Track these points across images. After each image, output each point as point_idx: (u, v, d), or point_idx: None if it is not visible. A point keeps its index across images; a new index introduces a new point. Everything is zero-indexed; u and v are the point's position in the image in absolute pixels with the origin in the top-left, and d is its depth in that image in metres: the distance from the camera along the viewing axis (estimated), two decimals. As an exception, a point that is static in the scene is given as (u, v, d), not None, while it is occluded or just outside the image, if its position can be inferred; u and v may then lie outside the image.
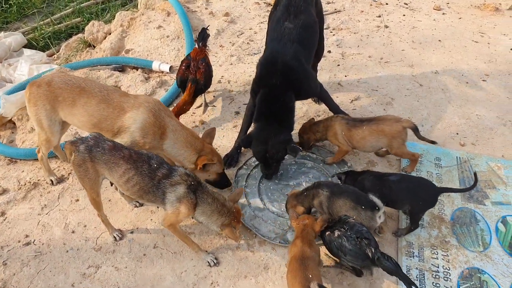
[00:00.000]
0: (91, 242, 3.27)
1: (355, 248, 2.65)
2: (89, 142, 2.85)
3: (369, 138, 3.48)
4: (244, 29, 5.95)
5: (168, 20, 6.00)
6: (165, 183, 2.82)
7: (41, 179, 3.79)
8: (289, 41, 3.50)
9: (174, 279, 2.99)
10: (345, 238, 2.67)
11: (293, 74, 3.46)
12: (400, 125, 3.44)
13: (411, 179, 3.24)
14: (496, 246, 3.13)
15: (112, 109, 3.14)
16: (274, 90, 3.45)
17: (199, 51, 4.25)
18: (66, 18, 6.68)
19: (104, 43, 5.73)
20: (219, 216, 2.87)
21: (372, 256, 2.61)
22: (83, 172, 2.87)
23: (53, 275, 3.06)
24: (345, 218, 2.80)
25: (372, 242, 2.67)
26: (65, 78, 3.25)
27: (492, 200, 3.46)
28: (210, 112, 4.48)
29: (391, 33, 5.79)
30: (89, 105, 3.15)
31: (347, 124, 3.56)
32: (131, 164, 2.82)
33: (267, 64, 3.53)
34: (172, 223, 2.91)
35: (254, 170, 3.76)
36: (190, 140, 3.25)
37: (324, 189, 3.03)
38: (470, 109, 4.43)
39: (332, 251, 2.81)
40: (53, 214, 3.49)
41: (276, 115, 3.46)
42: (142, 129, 3.11)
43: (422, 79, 4.89)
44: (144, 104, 3.16)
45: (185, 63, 4.20)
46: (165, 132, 3.19)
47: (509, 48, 5.42)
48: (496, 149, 3.94)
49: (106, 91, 3.21)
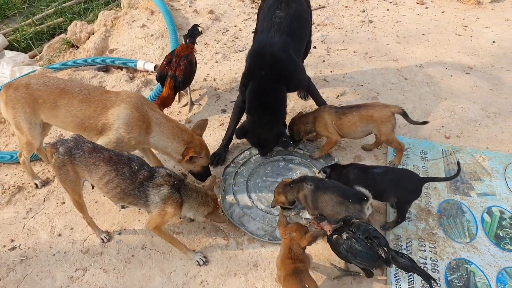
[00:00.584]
0: (78, 244, 3.23)
1: (366, 249, 2.60)
2: (68, 144, 2.82)
3: (359, 123, 3.51)
4: (229, 27, 5.93)
5: (152, 19, 5.94)
6: (148, 185, 2.81)
7: (26, 182, 3.73)
8: (278, 32, 3.48)
9: (163, 280, 2.97)
10: (354, 240, 2.63)
11: (281, 65, 3.45)
12: (389, 110, 3.49)
13: (395, 171, 3.28)
14: (482, 236, 3.17)
15: (94, 108, 3.09)
16: (264, 82, 3.45)
17: (185, 48, 4.19)
18: (48, 18, 6.56)
19: (87, 43, 5.65)
20: (205, 207, 2.94)
21: (385, 255, 2.57)
22: (64, 174, 2.84)
23: (40, 279, 3.02)
24: (349, 219, 2.77)
25: (382, 240, 2.64)
26: (43, 80, 3.18)
27: (477, 191, 3.50)
28: (196, 110, 4.45)
29: (375, 28, 5.81)
30: (70, 106, 3.09)
31: (336, 112, 3.60)
32: (111, 166, 2.79)
33: (256, 56, 3.52)
34: (157, 225, 2.89)
35: (241, 168, 3.75)
36: (176, 132, 3.22)
37: (308, 182, 3.04)
38: (454, 102, 4.48)
39: (340, 254, 2.74)
40: (39, 218, 3.45)
41: (268, 107, 3.48)
42: (127, 124, 3.07)
43: (407, 73, 4.92)
44: (126, 100, 3.12)
45: (167, 58, 4.16)
46: (150, 126, 3.15)
47: (491, 40, 5.48)
48: (481, 141, 3.99)
49: (87, 90, 3.16)
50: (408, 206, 3.10)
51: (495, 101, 4.48)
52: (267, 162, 3.80)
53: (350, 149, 3.89)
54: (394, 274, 2.90)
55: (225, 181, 3.64)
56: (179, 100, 4.59)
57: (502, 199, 3.43)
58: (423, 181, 3.10)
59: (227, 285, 2.92)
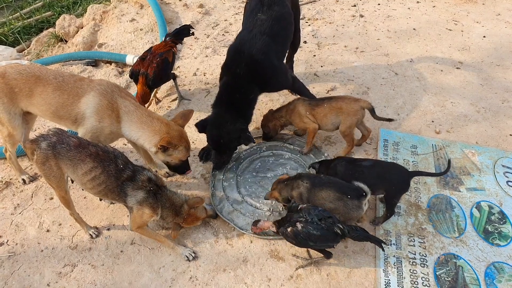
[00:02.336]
0: (66, 240, 3.21)
1: (323, 232, 2.68)
2: (51, 138, 2.78)
3: (329, 115, 3.57)
4: (219, 21, 5.88)
5: (142, 13, 5.88)
6: (128, 185, 2.83)
7: (13, 178, 3.69)
8: (259, 33, 3.46)
9: (152, 275, 2.96)
10: (310, 226, 2.69)
11: (258, 67, 3.43)
12: (358, 104, 3.55)
13: (383, 164, 3.28)
14: (471, 231, 3.19)
15: (67, 96, 3.02)
16: (236, 80, 3.44)
17: (163, 46, 4.05)
18: (36, 12, 6.48)
19: (76, 38, 5.58)
20: (171, 218, 2.99)
21: (341, 231, 2.68)
22: (48, 170, 2.81)
23: (28, 275, 2.99)
24: (296, 206, 2.84)
25: (335, 218, 2.74)
26: (18, 68, 3.11)
27: (466, 186, 3.51)
28: (186, 105, 4.42)
29: (366, 23, 5.80)
30: (45, 94, 3.04)
31: (309, 104, 3.66)
32: (98, 162, 2.77)
33: (234, 52, 3.51)
34: (139, 225, 2.93)
35: (231, 163, 3.73)
36: (146, 120, 3.02)
37: (304, 180, 3.00)
38: (445, 96, 4.48)
39: (300, 244, 2.80)
40: (27, 213, 3.41)
41: (235, 104, 3.45)
42: (97, 113, 3.00)
43: (398, 67, 4.92)
44: (96, 87, 3.05)
45: (142, 55, 4.02)
46: (118, 115, 3.04)
47: (481, 35, 5.49)
48: (470, 135, 4.00)
49: (62, 77, 3.09)
50: (397, 200, 3.10)
51: (485, 96, 4.50)
52: (257, 158, 3.78)
53: (341, 143, 3.88)
54: (383, 269, 2.91)
55: (214, 176, 3.61)
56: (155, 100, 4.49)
57: (491, 194, 3.45)
58: (412, 175, 3.10)
59: (216, 281, 2.91)
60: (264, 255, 3.05)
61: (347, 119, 3.55)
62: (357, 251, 3.04)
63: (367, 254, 3.01)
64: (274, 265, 2.99)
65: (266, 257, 3.04)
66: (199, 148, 3.84)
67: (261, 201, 3.37)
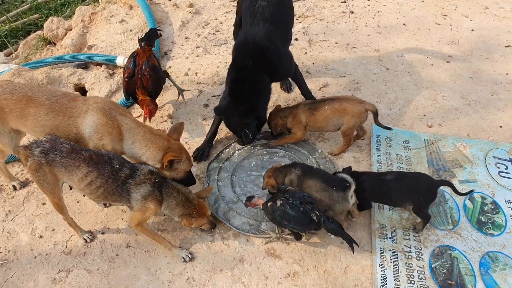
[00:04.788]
0: (60, 246, 3.18)
1: (299, 214, 2.76)
2: (44, 145, 2.75)
3: (332, 117, 3.54)
4: (209, 20, 5.85)
5: (131, 14, 5.83)
6: (130, 183, 2.79)
7: (4, 184, 3.64)
8: (261, 21, 3.45)
9: (148, 278, 2.94)
10: (287, 206, 2.78)
11: (265, 54, 3.43)
12: (363, 107, 3.52)
13: (408, 176, 3.18)
14: (464, 222, 3.21)
15: (62, 117, 2.95)
16: (245, 70, 3.43)
17: (142, 53, 3.85)
18: (23, 15, 6.40)
19: (65, 40, 5.52)
20: (181, 208, 2.91)
21: (317, 219, 2.75)
22: (41, 177, 2.78)
23: (21, 282, 2.97)
24: (285, 187, 2.94)
25: (315, 206, 2.80)
26: (9, 87, 3.00)
27: (459, 178, 3.54)
28: (178, 106, 4.39)
29: (356, 19, 5.81)
30: (39, 116, 2.94)
31: (309, 109, 3.61)
32: (92, 166, 2.74)
33: (240, 47, 3.50)
34: (139, 221, 2.87)
35: (225, 162, 3.72)
36: (149, 138, 3.03)
37: (297, 168, 3.11)
38: (435, 90, 4.50)
39: (275, 220, 2.91)
40: (19, 220, 3.38)
41: (245, 96, 3.46)
42: (96, 131, 2.96)
43: (389, 63, 4.94)
44: (93, 105, 2.99)
45: (127, 73, 3.80)
46: (120, 132, 3.01)
47: (470, 29, 5.52)
48: (462, 128, 4.03)
49: (54, 97, 2.99)
50: (427, 209, 3.06)
51: (475, 89, 4.52)
52: (251, 156, 3.77)
53: (334, 140, 3.89)
54: (380, 264, 2.92)
55: (209, 176, 3.60)
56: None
57: (483, 185, 3.47)
58: (439, 184, 3.07)
59: (213, 281, 2.91)
60: (261, 253, 3.04)
61: (350, 121, 3.51)
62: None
63: (363, 249, 3.02)
64: (271, 264, 2.99)
65: (263, 255, 3.04)
66: (193, 149, 3.82)
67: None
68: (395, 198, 3.06)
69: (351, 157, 3.73)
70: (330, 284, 2.86)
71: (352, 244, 2.85)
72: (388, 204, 3.20)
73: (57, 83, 4.68)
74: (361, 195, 3.07)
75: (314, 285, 2.86)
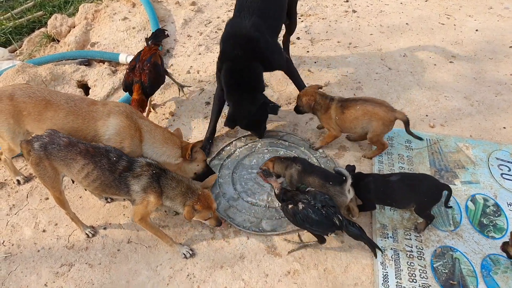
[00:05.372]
0: (63, 240, 3.20)
1: (321, 218, 2.73)
2: (44, 139, 2.77)
3: (362, 118, 3.42)
4: (211, 18, 5.87)
5: (134, 11, 5.85)
6: (127, 176, 2.79)
7: (8, 178, 3.67)
8: (248, 14, 3.47)
9: (149, 273, 2.96)
10: (310, 209, 2.74)
11: (255, 45, 3.46)
12: (394, 115, 3.41)
13: (412, 177, 3.17)
14: (466, 224, 3.20)
15: (81, 120, 2.99)
16: (238, 61, 3.45)
17: (147, 50, 3.95)
18: (27, 12, 6.43)
19: (68, 37, 5.55)
20: (182, 198, 2.87)
21: (339, 223, 2.72)
22: (42, 170, 2.80)
23: (24, 276, 2.99)
24: (304, 188, 2.92)
25: (338, 209, 2.79)
26: (28, 91, 3.04)
27: (461, 179, 3.53)
28: (180, 104, 4.41)
29: (359, 18, 5.80)
30: (57, 119, 2.98)
31: (341, 106, 3.49)
32: (88, 158, 2.76)
33: (228, 38, 3.52)
34: (142, 216, 2.88)
35: (226, 160, 3.73)
36: (168, 136, 3.18)
37: (298, 164, 3.12)
38: (438, 90, 4.50)
39: (296, 223, 2.87)
40: (22, 214, 3.40)
41: (245, 84, 3.50)
42: (118, 134, 3.00)
43: (391, 62, 4.93)
44: (115, 109, 3.06)
45: (130, 65, 3.90)
46: (141, 134, 3.09)
47: (474, 29, 5.51)
48: (464, 129, 4.02)
49: (73, 101, 3.04)
50: (430, 211, 3.06)
51: (479, 89, 4.51)
52: (252, 154, 3.78)
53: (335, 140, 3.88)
54: (381, 262, 2.93)
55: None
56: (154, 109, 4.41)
57: (485, 186, 3.47)
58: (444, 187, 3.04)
59: (213, 278, 2.92)
60: (261, 251, 3.06)
61: (378, 128, 3.41)
62: (353, 245, 3.05)
63: (364, 249, 3.02)
64: (271, 261, 3.00)
65: (263, 253, 3.05)
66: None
67: (257, 197, 3.38)
68: (400, 199, 3.05)
69: (352, 157, 3.73)
70: (330, 283, 2.87)
71: (374, 249, 2.84)
72: (392, 206, 3.20)
73: (60, 80, 4.71)
74: (366, 197, 3.08)
75: (314, 283, 2.87)
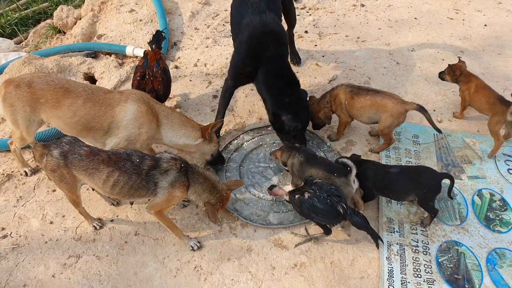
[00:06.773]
0: (70, 232, 3.22)
1: (326, 207, 2.76)
2: (63, 147, 2.73)
3: (369, 109, 3.45)
4: (219, 11, 5.84)
5: (141, 3, 5.83)
6: (155, 173, 2.76)
7: (15, 170, 3.68)
8: (261, 12, 3.44)
9: (157, 265, 2.97)
10: (315, 198, 2.78)
11: (280, 39, 3.48)
12: (404, 108, 3.39)
13: (412, 169, 3.19)
14: (472, 218, 3.21)
15: (99, 107, 3.03)
16: (275, 61, 3.44)
17: (153, 55, 3.87)
18: (33, 3, 6.42)
19: (74, 29, 5.54)
20: (208, 195, 2.89)
21: (343, 212, 2.74)
22: (58, 177, 2.77)
23: (32, 267, 3.01)
24: (311, 180, 2.93)
25: (342, 198, 2.81)
26: (47, 79, 3.08)
27: (468, 174, 3.53)
28: (188, 97, 4.40)
29: (367, 12, 5.77)
30: (75, 106, 3.01)
31: (351, 91, 3.52)
32: (112, 166, 2.71)
33: (255, 40, 3.44)
34: (161, 208, 2.87)
35: (234, 153, 3.73)
36: (185, 119, 3.26)
37: (301, 154, 3.15)
38: (446, 85, 4.47)
39: (303, 212, 2.91)
40: (30, 206, 3.42)
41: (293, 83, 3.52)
42: (136, 119, 3.04)
43: (399, 57, 4.91)
44: (132, 96, 3.10)
45: (140, 72, 3.81)
46: (158, 119, 3.13)
47: (483, 24, 5.47)
48: (472, 124, 4.01)
49: (90, 89, 3.11)
50: (432, 202, 3.06)
51: (486, 84, 4.48)
52: (259, 148, 3.79)
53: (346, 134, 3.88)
54: (387, 257, 2.93)
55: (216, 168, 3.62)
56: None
57: (492, 181, 3.46)
58: (442, 176, 3.05)
59: (221, 270, 2.93)
60: (268, 244, 3.07)
61: (388, 120, 3.41)
62: (360, 239, 3.06)
63: (370, 242, 3.02)
64: (278, 254, 3.01)
65: (270, 246, 3.06)
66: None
67: (264, 191, 3.38)
68: (398, 190, 3.05)
69: (359, 151, 3.72)
70: (337, 276, 2.87)
71: (377, 240, 2.85)
72: (390, 197, 3.20)
73: (67, 72, 4.71)
74: (364, 184, 3.09)
75: (320, 276, 2.88)
